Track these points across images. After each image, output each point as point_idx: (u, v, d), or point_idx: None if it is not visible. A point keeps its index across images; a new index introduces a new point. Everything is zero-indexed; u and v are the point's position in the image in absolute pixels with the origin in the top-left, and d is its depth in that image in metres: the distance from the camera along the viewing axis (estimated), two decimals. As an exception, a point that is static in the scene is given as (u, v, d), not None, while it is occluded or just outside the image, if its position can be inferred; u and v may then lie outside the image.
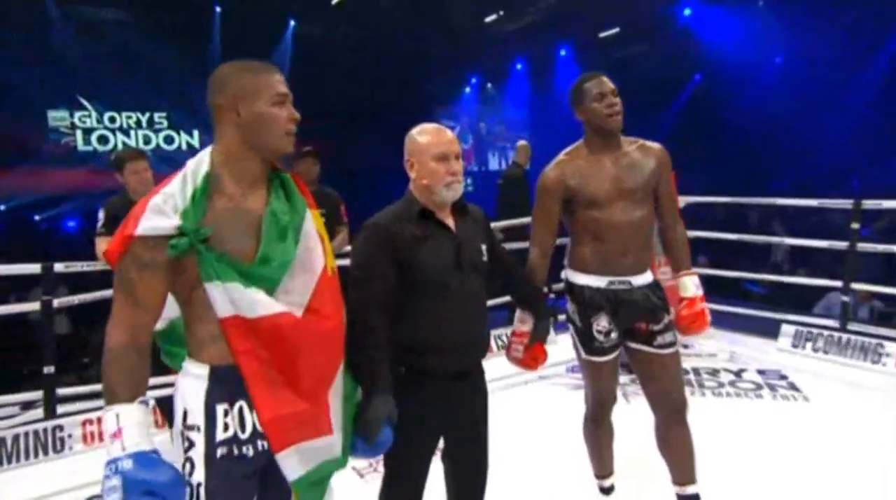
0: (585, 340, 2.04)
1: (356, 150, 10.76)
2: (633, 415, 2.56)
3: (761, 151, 10.13)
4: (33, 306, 3.09)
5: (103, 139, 9.80)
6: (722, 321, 4.07)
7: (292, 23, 10.36)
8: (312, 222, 1.32)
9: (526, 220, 4.13)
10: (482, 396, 1.74)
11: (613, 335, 2.02)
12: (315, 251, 1.29)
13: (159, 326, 1.31)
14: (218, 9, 9.61)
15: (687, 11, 10.34)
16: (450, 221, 1.66)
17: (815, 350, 3.92)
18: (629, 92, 2.02)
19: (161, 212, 1.16)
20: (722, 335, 4.21)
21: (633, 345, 2.07)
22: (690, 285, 2.07)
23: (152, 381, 2.94)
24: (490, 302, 1.82)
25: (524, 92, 12.81)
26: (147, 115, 9.99)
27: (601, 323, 2.01)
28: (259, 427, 1.23)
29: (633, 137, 2.09)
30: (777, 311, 4.35)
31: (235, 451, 1.21)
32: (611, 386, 2.13)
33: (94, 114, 9.73)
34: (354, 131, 10.90)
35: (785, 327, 4.12)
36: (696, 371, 3.75)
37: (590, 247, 2.02)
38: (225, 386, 1.21)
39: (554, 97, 12.53)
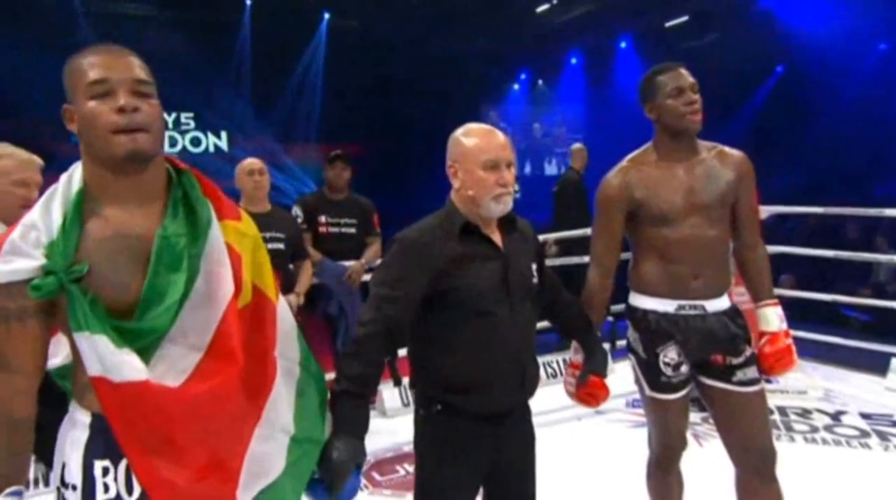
0: (650, 374, 1.92)
1: (391, 153, 10.73)
2: (706, 461, 2.36)
3: (860, 154, 9.56)
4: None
5: (129, 142, 10.05)
6: (813, 352, 3.79)
7: (326, 16, 10.43)
8: (221, 239, 1.15)
9: (581, 232, 4.02)
10: (529, 438, 1.66)
11: (684, 369, 1.91)
12: (220, 281, 1.13)
13: (56, 361, 1.19)
14: (248, 1, 9.75)
15: (766, -5, 9.90)
16: (496, 238, 1.57)
17: (937, 391, 3.53)
18: (700, 89, 1.87)
19: (18, 252, 1.03)
20: (814, 369, 3.87)
21: (708, 381, 1.93)
22: (774, 317, 1.96)
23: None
24: (539, 324, 1.75)
25: (579, 89, 12.56)
26: (173, 115, 10.19)
27: (669, 354, 1.89)
28: None
29: (711, 142, 1.96)
30: (883, 341, 3.96)
31: None
32: (680, 428, 1.99)
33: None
34: (391, 133, 10.88)
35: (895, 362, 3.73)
36: (783, 411, 3.44)
37: (656, 266, 1.91)
38: (108, 439, 1.08)
39: (613, 95, 12.23)
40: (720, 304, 1.91)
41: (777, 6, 9.92)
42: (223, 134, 10.57)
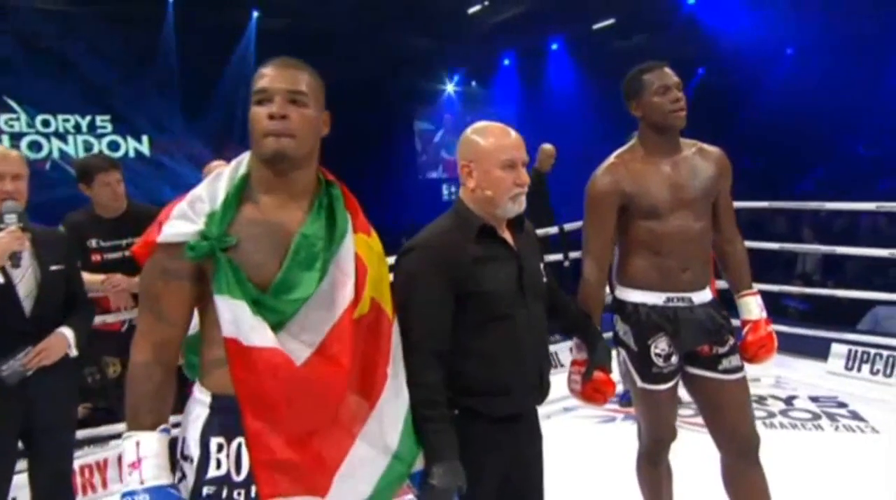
0: (642, 366, 1.96)
1: (325, 154, 10.52)
2: (693, 450, 2.38)
3: (776, 153, 10.18)
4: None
5: (35, 146, 9.34)
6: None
7: (255, 14, 10.13)
8: (352, 251, 1.26)
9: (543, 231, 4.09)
10: (539, 437, 1.68)
11: (674, 360, 1.96)
12: (343, 287, 1.24)
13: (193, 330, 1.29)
14: (170, -2, 9.33)
15: (691, 0, 10.38)
16: (509, 239, 1.58)
17: (874, 373, 3.80)
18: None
19: (185, 217, 1.18)
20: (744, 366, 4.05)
21: (694, 371, 1.99)
22: (755, 306, 2.05)
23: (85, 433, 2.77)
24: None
25: (513, 90, 12.76)
26: (88, 117, 9.58)
27: (660, 346, 1.94)
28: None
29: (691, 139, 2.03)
30: (822, 328, 4.24)
31: (224, 493, 1.19)
32: (670, 420, 2.05)
33: (23, 117, 9.31)
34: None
35: (836, 347, 4.00)
36: (740, 399, 3.59)
37: (645, 260, 1.96)
38: (224, 418, 1.20)
39: (546, 95, 12.50)
40: (705, 295, 1.98)
41: (700, 10, 10.43)
42: (144, 138, 10.04)
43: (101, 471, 2.93)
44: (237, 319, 1.16)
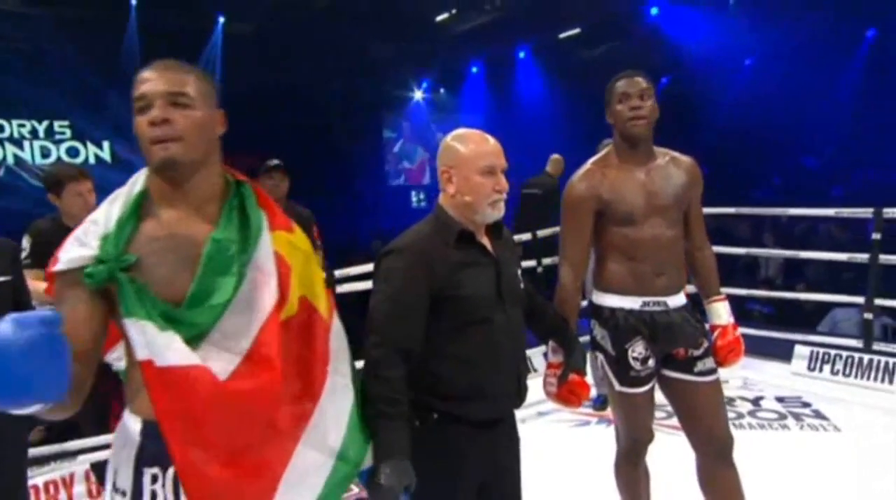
0: (619, 369, 1.99)
1: (291, 163, 10.42)
2: (669, 451, 2.42)
3: (737, 161, 10.46)
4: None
5: (-12, 153, 9.07)
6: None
7: (221, 20, 10.01)
8: (271, 250, 1.20)
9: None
10: (517, 442, 1.69)
11: (651, 363, 2.00)
12: (265, 289, 1.18)
13: (121, 365, 1.24)
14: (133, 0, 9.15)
15: (654, 10, 10.62)
16: (487, 244, 1.60)
17: (835, 373, 3.94)
18: (592, 97, 1.99)
19: (79, 242, 1.14)
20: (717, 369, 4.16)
21: (670, 373, 2.03)
22: (723, 311, 2.11)
23: (91, 441, 2.71)
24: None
25: (480, 98, 12.84)
26: (45, 123, 9.31)
27: (637, 349, 1.98)
28: None
29: (664, 148, 2.09)
30: (785, 330, 4.37)
31: None
32: (647, 422, 2.08)
33: (-25, 121, 9.01)
34: (290, 143, 10.60)
35: (798, 349, 4.13)
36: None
37: (621, 265, 1.99)
38: (158, 446, 1.13)
39: (514, 104, 12.61)
40: (680, 300, 2.03)
41: (664, 20, 10.68)
42: (105, 144, 9.81)
43: (67, 487, 2.86)
44: (147, 339, 1.11)
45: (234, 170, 1.26)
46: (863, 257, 3.94)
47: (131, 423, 1.18)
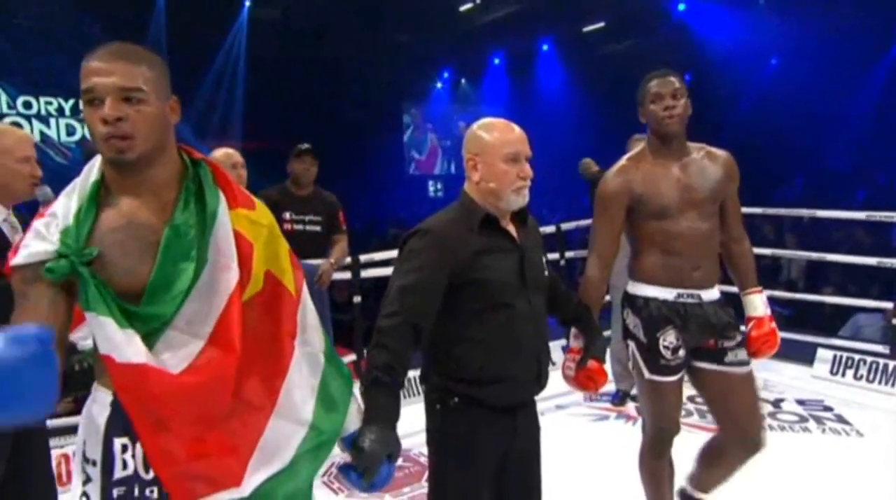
0: (650, 357, 1.99)
1: (315, 147, 10.44)
2: (691, 449, 2.34)
3: (758, 160, 10.32)
4: None
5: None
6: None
7: (247, 3, 10.01)
8: (230, 229, 1.18)
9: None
10: (537, 429, 1.70)
11: (681, 353, 1.99)
12: (226, 271, 1.16)
13: (88, 343, 1.23)
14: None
15: (682, 6, 10.47)
16: (512, 231, 1.61)
17: (858, 378, 3.87)
18: (615, 92, 1.98)
19: (40, 236, 1.11)
20: (751, 361, 4.11)
21: (701, 364, 2.04)
22: (759, 303, 2.11)
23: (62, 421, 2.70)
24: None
25: (503, 89, 12.77)
26: (72, 100, 9.38)
27: (669, 338, 1.99)
28: None
29: (699, 143, 2.10)
30: (807, 333, 4.31)
31: (136, 492, 1.16)
32: (674, 413, 2.08)
33: (3, 97, 9.08)
34: (314, 128, 10.60)
35: (821, 352, 4.07)
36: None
37: (657, 258, 2.01)
38: (127, 418, 1.14)
39: (535, 96, 12.52)
40: (713, 294, 2.02)
41: (690, 17, 10.53)
42: (129, 122, 9.87)
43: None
44: (107, 335, 1.09)
45: (191, 150, 1.22)
46: (892, 261, 3.88)
47: (101, 395, 1.18)
